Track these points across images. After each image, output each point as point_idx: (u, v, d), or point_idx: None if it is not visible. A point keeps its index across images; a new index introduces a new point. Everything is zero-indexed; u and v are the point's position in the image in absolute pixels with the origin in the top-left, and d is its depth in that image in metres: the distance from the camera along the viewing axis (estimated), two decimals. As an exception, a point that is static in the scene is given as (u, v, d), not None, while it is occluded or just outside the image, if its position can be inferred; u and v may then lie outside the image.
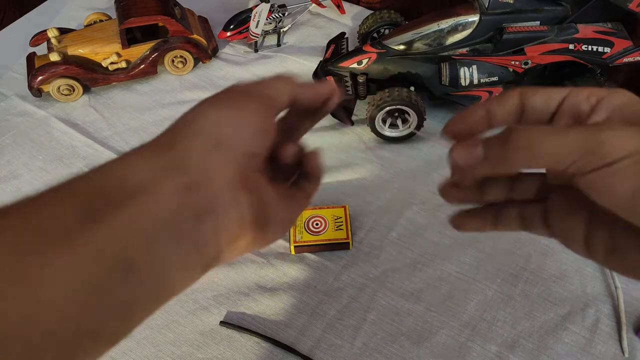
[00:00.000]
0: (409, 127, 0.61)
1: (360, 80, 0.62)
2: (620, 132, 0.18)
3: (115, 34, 0.69)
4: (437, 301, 0.49)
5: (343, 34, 0.72)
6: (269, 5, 0.72)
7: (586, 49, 0.57)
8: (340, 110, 0.63)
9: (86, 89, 0.71)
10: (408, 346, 0.46)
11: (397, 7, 0.77)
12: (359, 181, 0.59)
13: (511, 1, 0.57)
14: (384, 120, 0.61)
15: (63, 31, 0.70)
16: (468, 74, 0.59)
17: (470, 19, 0.58)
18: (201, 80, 0.72)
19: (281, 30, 0.78)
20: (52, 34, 0.68)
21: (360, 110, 0.65)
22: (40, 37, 0.70)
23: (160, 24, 0.69)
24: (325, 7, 0.80)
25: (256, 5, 0.72)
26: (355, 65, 0.62)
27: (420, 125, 0.60)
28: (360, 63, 0.61)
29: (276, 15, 0.76)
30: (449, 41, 0.59)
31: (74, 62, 0.66)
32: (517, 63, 0.58)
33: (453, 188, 0.26)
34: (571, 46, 0.57)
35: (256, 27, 0.73)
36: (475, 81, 0.59)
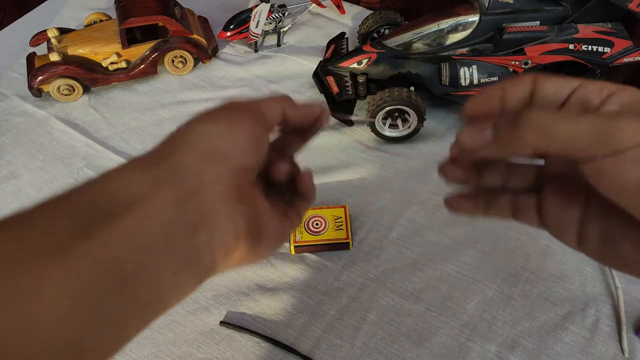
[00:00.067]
0: (409, 127, 0.61)
1: (360, 80, 0.62)
2: (634, 122, 0.18)
3: (115, 34, 0.69)
4: (437, 301, 0.49)
5: (343, 34, 0.72)
6: (269, 5, 0.72)
7: (586, 49, 0.57)
8: (341, 110, 0.63)
9: (86, 89, 0.71)
10: (408, 346, 0.47)
11: (397, 7, 0.77)
12: (359, 181, 0.59)
13: (511, 1, 0.57)
14: (384, 120, 0.61)
15: (63, 31, 0.70)
16: (468, 74, 0.59)
17: (470, 19, 0.58)
18: (201, 80, 0.72)
19: (281, 30, 0.78)
20: (52, 34, 0.68)
21: (361, 110, 0.65)
22: (40, 37, 0.70)
23: (160, 24, 0.69)
24: (325, 7, 0.80)
25: (256, 5, 0.72)
26: (355, 65, 0.62)
27: (420, 125, 0.60)
28: (360, 63, 0.61)
29: (276, 15, 0.76)
30: (449, 41, 0.59)
31: (74, 62, 0.66)
32: (517, 63, 0.58)
33: (452, 167, 0.26)
34: (571, 46, 0.57)
35: (256, 27, 0.73)
36: (475, 81, 0.59)
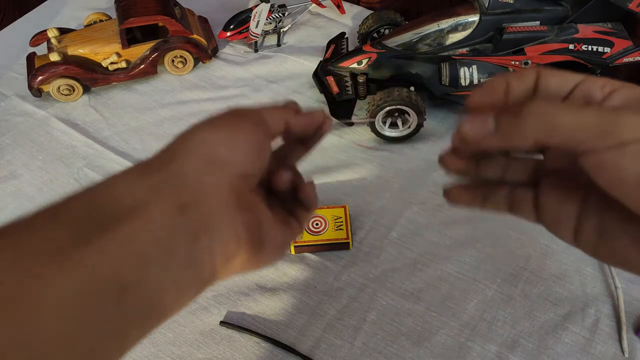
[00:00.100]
0: (409, 127, 0.61)
1: (360, 80, 0.62)
2: (636, 117, 0.18)
3: (115, 34, 0.69)
4: (437, 301, 0.49)
5: (343, 34, 0.72)
6: (269, 5, 0.72)
7: (586, 49, 0.57)
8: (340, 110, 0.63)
9: (86, 89, 0.71)
10: (408, 346, 0.47)
11: (397, 7, 0.77)
12: (359, 181, 0.59)
13: (511, 1, 0.57)
14: (384, 120, 0.61)
15: (63, 31, 0.70)
16: (468, 74, 0.59)
17: (470, 19, 0.58)
18: (201, 80, 0.72)
19: (281, 30, 0.78)
20: (52, 34, 0.68)
21: (361, 110, 0.65)
22: (40, 37, 0.70)
23: (160, 24, 0.69)
24: (325, 7, 0.80)
25: (256, 5, 0.72)
26: (355, 65, 0.62)
27: (420, 125, 0.60)
28: (360, 63, 0.61)
29: (276, 15, 0.76)
30: (449, 41, 0.59)
31: (74, 62, 0.66)
32: (517, 63, 0.58)
33: (453, 157, 0.26)
34: (571, 46, 0.57)
35: (256, 27, 0.73)
36: (475, 81, 0.59)
